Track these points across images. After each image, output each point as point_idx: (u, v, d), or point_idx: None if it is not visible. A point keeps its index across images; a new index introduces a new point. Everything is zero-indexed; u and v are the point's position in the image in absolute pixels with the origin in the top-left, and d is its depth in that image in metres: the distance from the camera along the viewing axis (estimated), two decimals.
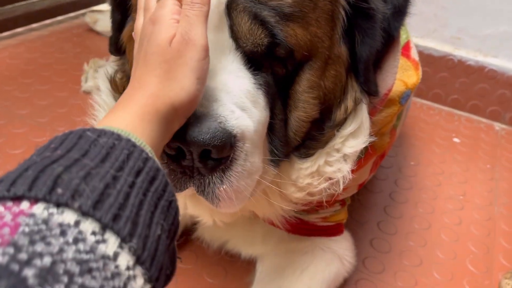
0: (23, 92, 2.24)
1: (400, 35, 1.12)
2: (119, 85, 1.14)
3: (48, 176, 0.50)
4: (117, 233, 0.49)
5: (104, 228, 0.49)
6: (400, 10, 1.05)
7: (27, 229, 0.45)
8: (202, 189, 0.84)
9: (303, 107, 0.97)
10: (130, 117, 0.65)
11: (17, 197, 0.48)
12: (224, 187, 0.83)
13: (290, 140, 1.00)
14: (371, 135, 1.06)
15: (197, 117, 0.78)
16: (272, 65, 0.91)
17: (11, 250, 0.43)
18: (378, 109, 1.13)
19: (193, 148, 0.78)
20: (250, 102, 0.87)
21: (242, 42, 0.86)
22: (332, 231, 1.31)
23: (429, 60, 2.52)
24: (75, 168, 0.52)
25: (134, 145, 0.59)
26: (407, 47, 1.26)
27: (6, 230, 0.45)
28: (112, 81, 1.14)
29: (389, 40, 1.05)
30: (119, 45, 1.16)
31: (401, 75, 1.16)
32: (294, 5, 0.86)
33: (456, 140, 2.35)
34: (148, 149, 0.62)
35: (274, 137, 0.96)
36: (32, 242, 0.44)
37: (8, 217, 0.46)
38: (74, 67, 2.50)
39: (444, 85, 2.57)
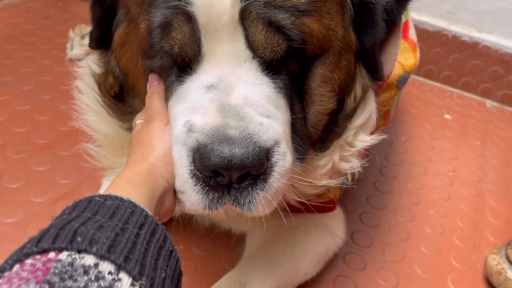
0: (6, 59, 2.16)
1: (401, 21, 1.10)
2: (109, 90, 1.10)
3: (68, 230, 0.60)
4: (129, 272, 0.59)
5: (118, 268, 0.59)
6: None
7: (57, 271, 0.55)
8: (239, 203, 0.83)
9: (320, 100, 0.96)
10: (122, 185, 0.78)
11: (44, 250, 0.58)
12: (263, 194, 0.82)
13: (310, 135, 0.99)
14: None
15: (231, 139, 0.78)
16: (288, 64, 0.89)
17: (46, 286, 0.53)
18: (378, 93, 1.12)
19: (234, 172, 0.78)
20: (273, 107, 0.85)
21: (260, 51, 0.84)
22: (325, 207, 1.30)
23: (423, 35, 2.48)
24: (90, 223, 0.63)
25: (135, 205, 0.70)
26: (405, 27, 1.23)
27: (40, 273, 0.55)
28: (102, 86, 1.10)
29: (392, 25, 1.04)
30: (100, 41, 1.10)
31: (399, 57, 1.14)
32: (308, 1, 0.84)
33: (447, 116, 2.34)
34: (146, 208, 0.72)
35: (295, 136, 0.94)
36: (62, 279, 0.54)
37: (39, 265, 0.56)
38: (59, 34, 2.42)
39: (437, 61, 2.54)
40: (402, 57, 1.17)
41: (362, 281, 1.40)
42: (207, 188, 0.81)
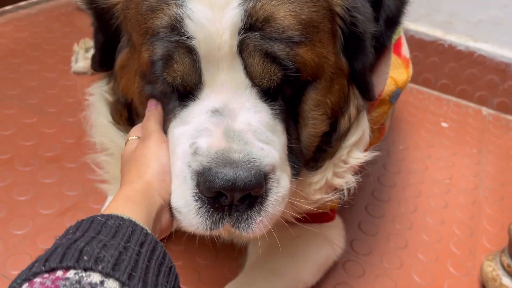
0: (12, 72, 2.22)
1: (391, 44, 1.14)
2: (121, 116, 1.16)
3: (74, 249, 0.63)
4: None
5: (122, 285, 0.61)
6: (392, 20, 1.08)
7: None
8: (240, 224, 0.88)
9: (313, 123, 1.01)
10: (121, 203, 0.81)
11: (52, 269, 0.60)
12: (261, 218, 0.88)
13: (303, 155, 1.04)
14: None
15: (235, 163, 0.82)
16: (283, 89, 0.93)
17: None
18: (370, 110, 1.17)
19: (237, 193, 0.83)
20: (271, 133, 0.90)
21: (258, 80, 0.89)
22: (325, 217, 1.35)
23: (420, 44, 2.53)
24: (94, 242, 0.66)
25: (135, 224, 0.73)
26: (398, 44, 1.28)
27: None
28: (114, 114, 1.16)
29: (382, 48, 1.09)
30: (102, 63, 1.16)
31: (391, 72, 1.19)
32: (302, 32, 0.89)
33: (444, 124, 2.39)
34: (145, 227, 0.75)
35: (291, 155, 0.99)
36: None
37: (48, 283, 0.58)
38: (63, 47, 2.48)
39: (434, 70, 2.59)
40: (395, 72, 1.21)
41: None
42: (211, 210, 0.86)
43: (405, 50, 1.30)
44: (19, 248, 1.39)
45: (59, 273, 0.59)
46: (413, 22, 2.53)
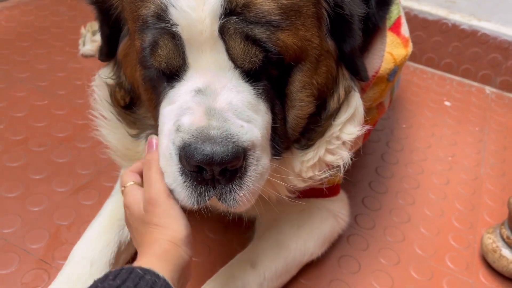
0: (21, 56, 2.26)
1: (385, 23, 1.17)
2: (120, 100, 1.21)
3: None
4: None
5: None
6: (384, 1, 1.11)
7: None
8: (224, 198, 0.93)
9: (300, 105, 1.04)
10: (153, 260, 0.88)
11: None
12: (243, 192, 0.93)
13: (289, 136, 1.08)
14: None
15: (213, 139, 0.87)
16: (267, 70, 0.96)
17: None
18: (367, 88, 1.20)
19: (215, 167, 0.88)
20: (253, 112, 0.94)
21: (239, 62, 0.92)
22: (328, 192, 1.39)
23: (423, 24, 2.55)
24: None
25: (168, 285, 0.79)
26: (397, 23, 1.30)
27: None
28: (113, 97, 1.21)
29: (375, 29, 1.11)
30: (109, 54, 1.21)
31: (391, 50, 1.21)
32: (282, 17, 0.92)
33: (447, 103, 2.42)
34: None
35: (275, 135, 1.03)
36: None
37: None
38: (70, 30, 2.51)
39: (437, 49, 2.61)
40: (394, 51, 1.24)
41: (365, 260, 1.50)
42: (195, 183, 0.91)
43: (404, 29, 1.33)
44: (37, 224, 1.45)
45: None
46: (417, 2, 2.54)
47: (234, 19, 0.89)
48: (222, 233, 1.50)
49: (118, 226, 1.27)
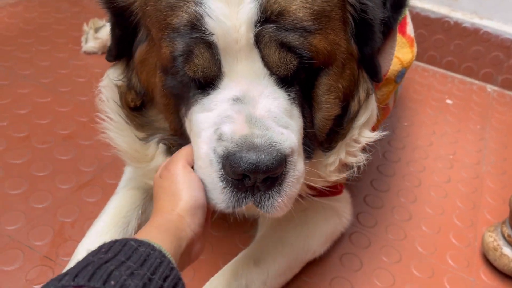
0: (24, 53, 2.26)
1: (397, 25, 1.18)
2: (130, 103, 1.21)
3: (103, 271, 0.66)
4: None
5: None
6: (399, 4, 1.12)
7: None
8: (262, 204, 0.95)
9: (326, 107, 1.06)
10: (153, 230, 0.86)
11: (79, 286, 0.63)
12: (282, 198, 0.95)
13: (317, 137, 1.10)
14: None
15: (258, 147, 0.88)
16: (299, 75, 0.98)
17: None
18: (376, 89, 1.21)
19: (260, 175, 0.89)
20: (289, 118, 0.96)
21: (275, 69, 0.94)
22: (333, 191, 1.40)
23: (425, 22, 2.55)
24: (123, 268, 0.68)
25: (164, 256, 0.76)
26: (403, 23, 1.31)
27: None
28: (123, 99, 1.21)
29: (388, 31, 1.13)
30: (118, 56, 1.20)
31: (397, 52, 1.22)
32: (314, 22, 0.93)
33: (449, 101, 2.42)
34: (172, 260, 0.78)
35: (305, 138, 1.04)
36: None
37: None
38: (73, 27, 2.51)
39: (439, 47, 2.61)
40: (400, 52, 1.25)
41: (367, 258, 1.51)
42: (235, 190, 0.92)
43: (410, 29, 1.33)
44: (41, 221, 1.46)
45: None
46: (419, 0, 2.54)
47: (268, 26, 0.90)
48: (225, 231, 1.51)
49: (123, 223, 1.28)
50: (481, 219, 1.73)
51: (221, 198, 0.94)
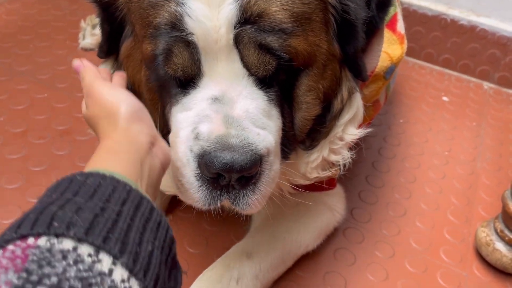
0: (22, 49, 2.27)
1: (384, 24, 1.19)
2: None
3: (46, 215, 0.60)
4: (109, 252, 0.59)
5: (97, 250, 0.58)
6: (384, 3, 1.13)
7: (35, 258, 0.55)
8: (237, 202, 0.97)
9: (306, 108, 1.07)
10: (102, 156, 0.79)
11: (23, 236, 0.57)
12: (256, 197, 0.97)
13: (296, 137, 1.11)
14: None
15: (233, 147, 0.90)
16: (278, 75, 0.99)
17: (24, 274, 0.53)
18: (363, 87, 1.22)
19: (234, 174, 0.91)
20: (266, 118, 0.97)
21: (254, 70, 0.95)
22: (325, 187, 1.41)
23: (423, 19, 2.55)
24: (68, 206, 0.62)
25: (117, 181, 0.69)
26: (393, 20, 1.32)
27: (18, 261, 0.54)
28: None
29: (374, 30, 1.14)
30: (109, 51, 1.21)
31: (386, 48, 1.24)
32: (294, 24, 0.94)
33: (445, 98, 2.43)
34: (130, 182, 0.72)
35: (284, 138, 1.06)
36: (40, 267, 0.54)
37: (18, 252, 0.55)
38: (72, 24, 2.52)
39: (436, 44, 2.61)
40: (390, 48, 1.25)
41: (360, 253, 1.52)
42: (210, 188, 0.94)
43: (400, 26, 1.34)
44: None
45: (31, 240, 0.57)
46: None
47: (248, 28, 0.91)
48: (220, 225, 1.52)
49: None
50: (476, 215, 1.73)
51: (197, 196, 0.96)
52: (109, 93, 0.92)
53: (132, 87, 1.18)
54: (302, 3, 0.95)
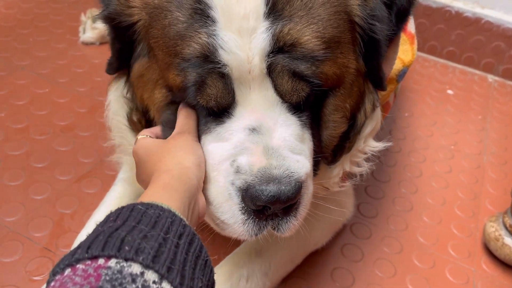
0: (22, 43, 2.24)
1: (401, 32, 1.19)
2: (137, 124, 1.20)
3: (116, 239, 0.64)
4: (171, 282, 0.62)
5: (161, 278, 0.62)
6: (404, 13, 1.11)
7: (108, 277, 0.58)
8: (279, 228, 0.97)
9: (333, 126, 1.06)
10: (159, 191, 0.82)
11: (94, 257, 0.61)
12: (297, 221, 0.98)
13: (323, 154, 1.10)
14: None
15: (277, 179, 0.89)
16: (309, 99, 0.97)
17: None
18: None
19: (280, 205, 0.90)
20: (301, 143, 0.97)
21: (287, 98, 0.94)
22: None
23: (427, 11, 2.52)
24: (135, 232, 0.66)
25: (174, 215, 0.73)
26: None
27: (92, 279, 0.58)
28: (131, 121, 1.21)
29: (393, 39, 1.12)
30: (117, 68, 1.18)
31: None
32: (325, 51, 0.92)
33: (449, 92, 2.41)
34: (183, 218, 0.75)
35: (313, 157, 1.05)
36: (113, 286, 0.57)
37: (91, 271, 0.59)
38: (71, 17, 2.48)
39: (440, 37, 2.59)
40: (400, 49, 1.23)
41: (368, 249, 1.50)
42: (256, 220, 0.93)
43: (411, 26, 1.32)
44: (40, 212, 1.45)
45: (101, 261, 0.60)
46: None
47: (281, 57, 0.90)
48: None
49: None
50: (483, 209, 1.72)
51: (243, 229, 0.95)
52: (190, 142, 0.96)
53: (142, 108, 1.16)
54: (332, 28, 0.94)
